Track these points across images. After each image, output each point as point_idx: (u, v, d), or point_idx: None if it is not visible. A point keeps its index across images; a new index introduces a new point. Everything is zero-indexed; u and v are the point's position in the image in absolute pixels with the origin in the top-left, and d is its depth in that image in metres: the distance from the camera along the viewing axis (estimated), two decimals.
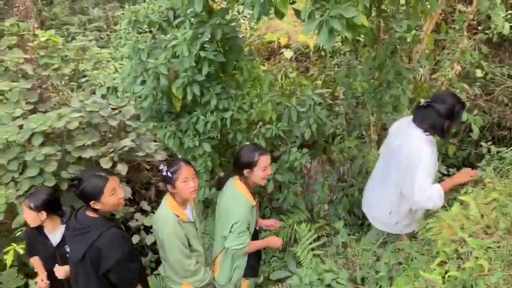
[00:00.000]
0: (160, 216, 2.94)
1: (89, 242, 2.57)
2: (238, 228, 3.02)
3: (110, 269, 2.59)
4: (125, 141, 5.55)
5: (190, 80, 3.59)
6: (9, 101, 5.51)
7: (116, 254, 2.59)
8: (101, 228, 2.61)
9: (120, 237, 2.67)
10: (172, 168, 2.86)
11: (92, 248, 2.56)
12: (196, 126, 3.87)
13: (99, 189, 2.59)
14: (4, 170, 4.94)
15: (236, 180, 3.21)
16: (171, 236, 2.83)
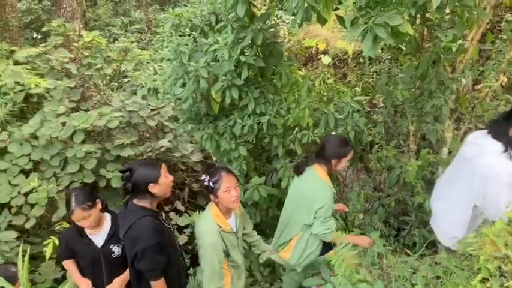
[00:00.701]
0: (203, 224, 2.92)
1: (125, 228, 2.68)
2: (324, 214, 3.10)
3: (136, 255, 2.65)
4: (162, 141, 5.65)
5: (230, 84, 3.64)
6: (54, 98, 5.70)
7: (140, 243, 2.62)
8: (138, 215, 2.68)
9: (152, 228, 2.67)
10: (214, 178, 2.84)
11: (128, 233, 2.66)
12: (233, 130, 3.91)
13: (157, 172, 2.74)
14: (46, 165, 5.12)
15: (318, 168, 3.25)
16: (210, 248, 2.80)
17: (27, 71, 6.07)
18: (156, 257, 2.67)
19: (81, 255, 3.15)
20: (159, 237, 2.69)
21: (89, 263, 3.14)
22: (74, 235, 3.09)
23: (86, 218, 2.93)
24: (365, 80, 7.19)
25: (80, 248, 3.11)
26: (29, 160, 5.08)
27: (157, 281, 2.73)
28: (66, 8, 7.83)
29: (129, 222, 2.68)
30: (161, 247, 2.70)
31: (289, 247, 3.38)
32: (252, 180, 4.03)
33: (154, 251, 2.65)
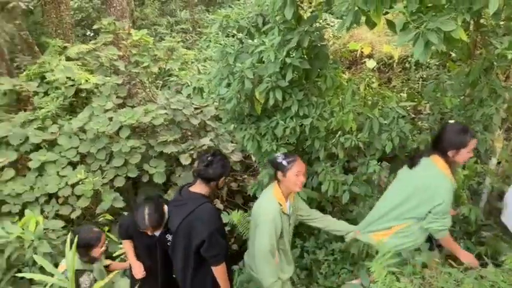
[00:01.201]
0: (264, 201, 3.00)
1: (185, 214, 2.77)
2: (442, 210, 2.89)
3: (203, 241, 2.72)
4: (204, 140, 5.74)
5: (274, 85, 3.64)
6: (102, 94, 5.92)
7: (208, 228, 2.72)
8: (198, 202, 2.79)
9: (214, 213, 2.82)
10: (290, 158, 2.96)
11: (186, 220, 2.75)
12: (275, 131, 3.91)
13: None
14: (93, 159, 5.32)
15: (438, 160, 2.97)
16: (269, 222, 2.86)
17: (78, 66, 6.32)
18: (220, 240, 2.78)
19: (138, 241, 3.32)
20: (220, 222, 2.84)
21: (145, 250, 3.30)
22: (134, 222, 3.14)
23: (155, 231, 3.07)
24: (410, 85, 7.03)
25: (138, 235, 3.23)
26: (76, 153, 5.30)
27: (219, 265, 2.83)
28: (117, 7, 8.08)
29: (190, 208, 2.78)
30: (222, 231, 2.83)
31: (388, 232, 3.19)
32: None
33: (218, 234, 2.76)
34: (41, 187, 5.00)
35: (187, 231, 2.79)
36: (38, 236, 4.13)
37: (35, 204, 4.93)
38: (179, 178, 5.56)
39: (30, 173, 5.20)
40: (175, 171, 5.70)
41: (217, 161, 2.90)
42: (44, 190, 4.97)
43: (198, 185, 2.91)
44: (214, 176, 2.87)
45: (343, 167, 4.15)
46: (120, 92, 6.23)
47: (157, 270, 3.29)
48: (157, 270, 3.29)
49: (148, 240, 3.20)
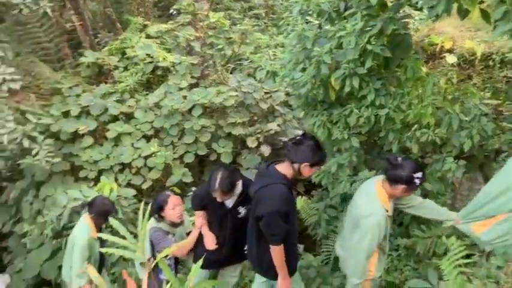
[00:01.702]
0: (369, 204, 2.89)
1: (259, 186, 2.80)
2: None
3: (260, 216, 2.73)
4: (271, 124, 5.77)
5: (351, 72, 3.57)
6: (178, 73, 6.11)
7: (269, 206, 2.69)
8: (273, 179, 2.76)
9: (283, 197, 2.72)
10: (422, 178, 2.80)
11: (258, 192, 2.78)
12: (347, 119, 3.85)
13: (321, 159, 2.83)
14: (166, 134, 5.53)
15: None
16: (373, 228, 2.78)
17: (157, 45, 6.55)
18: (280, 223, 2.73)
19: (211, 212, 3.37)
20: (287, 207, 2.75)
21: (217, 220, 3.34)
22: (208, 194, 3.21)
23: (219, 198, 3.10)
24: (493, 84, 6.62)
25: (211, 206, 3.29)
26: (151, 127, 5.53)
27: (276, 246, 2.79)
28: None
29: (264, 182, 2.80)
30: (287, 216, 2.76)
31: (488, 222, 3.00)
32: (361, 173, 3.95)
33: (279, 216, 2.70)
34: (116, 156, 5.28)
35: (256, 202, 2.83)
36: None
37: (110, 172, 5.22)
38: (245, 160, 5.64)
39: (107, 142, 5.51)
40: (241, 153, 5.78)
41: (308, 144, 2.73)
42: (118, 159, 5.25)
43: (283, 165, 2.83)
44: (298, 158, 2.72)
45: None
46: (194, 72, 6.40)
47: (224, 241, 3.36)
48: (225, 242, 3.36)
49: (221, 211, 3.27)
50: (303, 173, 2.77)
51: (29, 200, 5.25)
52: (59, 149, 5.40)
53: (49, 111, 5.77)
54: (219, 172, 3.06)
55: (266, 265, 2.98)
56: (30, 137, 4.92)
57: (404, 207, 3.14)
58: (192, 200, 3.49)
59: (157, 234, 3.47)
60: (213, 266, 3.54)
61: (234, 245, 3.41)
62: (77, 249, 3.50)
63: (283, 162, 2.86)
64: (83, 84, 6.33)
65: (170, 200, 3.44)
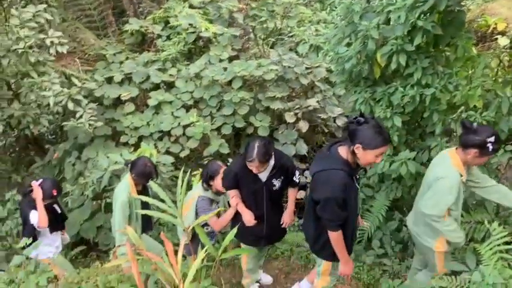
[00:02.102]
0: (443, 169, 2.89)
1: (318, 168, 2.73)
2: None
3: (317, 200, 2.71)
4: (311, 100, 5.71)
5: (399, 49, 3.48)
6: (219, 44, 6.10)
7: (325, 192, 2.65)
8: (334, 165, 2.66)
9: (342, 183, 2.61)
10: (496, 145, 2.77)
11: (317, 175, 2.73)
12: (391, 98, 3.77)
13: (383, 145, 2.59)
14: (205, 104, 5.57)
15: None
16: (451, 190, 2.80)
17: (200, 15, 6.54)
18: (336, 209, 2.66)
19: (246, 187, 3.32)
20: (345, 194, 2.66)
21: (252, 195, 3.31)
22: (242, 169, 3.20)
23: (257, 168, 3.08)
24: None
25: (246, 180, 3.27)
26: (191, 97, 5.59)
27: (334, 231, 2.75)
28: None
29: (324, 165, 2.71)
30: (345, 203, 2.69)
31: None
32: (401, 153, 3.87)
33: (336, 203, 2.64)
34: (156, 124, 5.37)
35: (313, 185, 2.79)
36: None
37: (150, 139, 5.33)
38: (281, 135, 5.63)
39: (148, 110, 5.61)
40: (278, 128, 5.77)
41: (371, 126, 2.51)
42: (158, 127, 5.34)
43: (345, 147, 2.68)
44: (357, 139, 2.53)
45: None
46: (235, 44, 6.37)
47: (263, 217, 3.36)
48: (264, 217, 3.36)
49: (256, 186, 3.26)
50: (358, 156, 2.58)
51: (72, 161, 5.45)
52: (101, 113, 5.55)
53: (93, 77, 5.92)
54: (256, 142, 3.06)
55: (319, 246, 3.00)
56: (75, 100, 5.06)
57: (476, 186, 3.08)
58: (224, 177, 3.43)
59: (204, 204, 3.55)
60: (257, 243, 3.56)
61: (273, 220, 3.43)
62: (117, 207, 3.62)
63: (344, 144, 2.71)
64: (126, 51, 6.43)
65: (222, 170, 3.49)
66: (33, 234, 4.10)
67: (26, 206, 4.06)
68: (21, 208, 4.18)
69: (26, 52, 4.93)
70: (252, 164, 3.06)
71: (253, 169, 3.10)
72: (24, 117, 5.40)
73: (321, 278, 3.17)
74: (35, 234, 4.13)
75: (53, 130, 7.58)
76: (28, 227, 4.04)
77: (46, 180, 4.10)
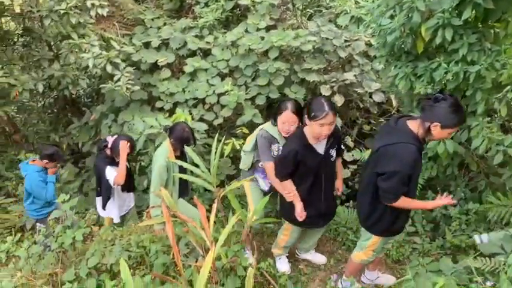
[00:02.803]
0: None
1: (386, 142, 2.71)
2: None
3: (382, 173, 2.69)
4: (347, 74, 5.60)
5: (445, 23, 3.35)
6: (257, 13, 6.00)
7: (394, 165, 2.62)
8: (405, 139, 2.64)
9: (413, 159, 2.60)
10: None
11: (384, 148, 2.70)
12: (433, 74, 3.65)
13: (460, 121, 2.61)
14: (240, 73, 5.54)
15: None
16: None
17: None
18: (399, 183, 2.65)
19: (305, 165, 3.18)
20: (413, 170, 2.66)
21: (312, 169, 3.20)
22: (301, 145, 3.12)
23: (332, 123, 2.95)
24: None
25: (307, 156, 3.14)
26: (226, 65, 5.56)
27: (391, 203, 2.75)
28: None
29: (393, 139, 2.68)
30: (409, 179, 2.68)
31: None
32: None
33: (402, 178, 2.63)
34: (191, 91, 5.39)
35: (379, 158, 2.74)
36: None
37: (184, 105, 5.36)
38: None
39: (183, 76, 5.63)
40: None
41: (450, 104, 2.50)
42: (193, 94, 5.36)
43: (415, 122, 2.68)
44: (432, 117, 2.54)
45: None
46: (273, 14, 6.26)
47: (321, 194, 3.31)
48: (322, 194, 3.31)
49: (316, 161, 3.17)
50: (434, 133, 2.59)
51: (108, 123, 5.57)
52: (138, 78, 5.61)
53: (131, 41, 5.96)
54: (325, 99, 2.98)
55: (372, 222, 3.00)
56: (113, 63, 5.13)
57: None
58: (282, 161, 3.24)
59: (262, 142, 3.46)
60: (316, 223, 3.51)
61: (329, 195, 3.40)
62: (155, 170, 3.69)
63: (414, 118, 2.72)
64: (164, 17, 6.43)
65: (285, 114, 3.27)
66: (109, 192, 4.21)
67: (101, 162, 4.17)
68: (96, 165, 4.29)
69: (68, 13, 5.00)
70: (325, 120, 2.88)
71: (324, 129, 2.92)
72: (64, 78, 5.53)
73: (364, 251, 3.18)
74: (110, 193, 4.23)
75: (89, 93, 7.76)
76: (104, 185, 4.16)
77: (121, 136, 4.19)
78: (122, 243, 3.23)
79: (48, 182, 4.56)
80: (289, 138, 3.29)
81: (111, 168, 4.09)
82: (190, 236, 2.86)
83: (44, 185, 4.51)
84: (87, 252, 3.17)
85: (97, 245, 3.24)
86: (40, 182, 4.49)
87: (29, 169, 4.54)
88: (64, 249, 3.25)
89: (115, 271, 3.03)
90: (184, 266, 2.76)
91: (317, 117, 2.88)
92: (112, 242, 3.37)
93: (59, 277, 3.02)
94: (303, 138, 3.13)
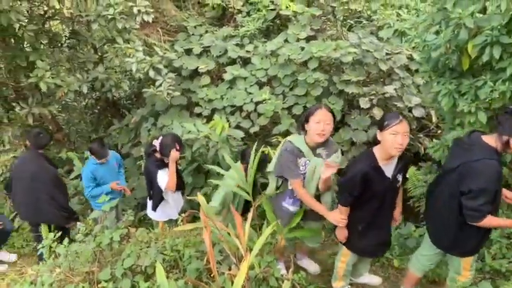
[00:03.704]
0: None
1: (467, 158, 2.67)
2: None
3: (467, 191, 2.65)
4: (388, 87, 5.53)
5: (494, 40, 3.26)
6: (298, 23, 6.04)
7: (480, 182, 2.58)
8: (488, 155, 2.62)
9: (497, 174, 2.59)
10: None
11: (466, 165, 2.66)
12: (478, 92, 3.55)
13: None
14: (278, 83, 5.57)
15: None
16: None
17: None
18: (487, 202, 2.61)
19: (371, 189, 2.99)
20: (497, 186, 2.63)
21: (377, 194, 3.02)
22: (370, 167, 2.93)
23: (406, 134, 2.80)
24: None
25: (375, 179, 2.95)
26: (265, 74, 5.61)
27: (477, 223, 2.69)
28: None
29: (476, 155, 2.64)
30: (494, 196, 2.64)
31: None
32: None
33: (489, 196, 2.60)
34: (229, 98, 5.46)
35: (461, 176, 2.69)
36: (222, 139, 4.58)
37: (222, 112, 5.44)
38: (353, 120, 5.51)
39: (222, 83, 5.71)
40: (351, 113, 5.66)
41: None
42: (231, 101, 5.43)
43: (491, 137, 2.68)
44: (510, 131, 2.55)
45: None
46: (314, 24, 6.28)
47: (387, 221, 3.23)
48: (386, 221, 3.23)
49: (383, 185, 2.99)
50: None
51: (148, 127, 5.70)
52: (178, 83, 5.73)
53: (173, 47, 6.10)
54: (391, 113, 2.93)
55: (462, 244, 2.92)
56: (156, 68, 5.26)
57: None
58: (347, 186, 3.00)
59: (287, 156, 3.21)
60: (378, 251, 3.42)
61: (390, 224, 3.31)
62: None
63: (486, 133, 2.71)
64: (206, 24, 6.56)
65: (319, 112, 3.06)
66: (161, 196, 4.22)
67: (151, 166, 4.16)
68: (147, 169, 4.28)
69: (115, 18, 5.16)
70: (399, 128, 2.76)
71: (398, 139, 2.75)
72: (108, 80, 5.70)
73: (463, 274, 3.10)
74: (162, 196, 4.25)
75: (129, 95, 7.97)
76: (155, 188, 4.17)
77: (166, 136, 4.13)
78: (157, 246, 3.29)
79: (103, 186, 4.65)
80: (357, 159, 3.13)
81: (162, 172, 4.07)
82: (225, 243, 2.88)
83: (92, 182, 4.61)
84: (123, 253, 3.23)
85: (133, 246, 3.31)
86: (88, 176, 4.60)
87: (90, 160, 4.68)
88: (102, 249, 3.33)
89: (149, 273, 3.08)
90: (217, 273, 2.78)
91: (390, 125, 2.77)
92: (148, 244, 3.43)
93: (95, 275, 3.10)
94: (373, 158, 2.95)
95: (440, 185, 2.95)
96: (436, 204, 3.04)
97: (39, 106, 5.39)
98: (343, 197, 3.05)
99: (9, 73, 5.81)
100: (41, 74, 4.74)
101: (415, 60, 5.41)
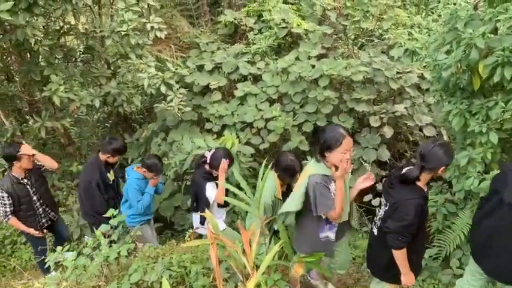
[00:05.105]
0: None
1: None
2: None
3: None
4: (398, 106, 5.52)
5: (505, 61, 3.25)
6: (310, 41, 6.08)
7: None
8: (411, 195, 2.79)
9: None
10: None
11: None
12: (489, 112, 3.54)
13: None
14: (289, 100, 5.60)
15: None
16: None
17: (293, 11, 6.55)
18: None
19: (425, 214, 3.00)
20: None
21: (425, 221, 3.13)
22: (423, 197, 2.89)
23: None
24: None
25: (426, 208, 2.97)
26: (276, 91, 5.64)
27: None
28: None
29: None
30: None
31: None
32: (493, 172, 3.64)
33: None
34: (240, 114, 5.49)
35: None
36: None
37: (232, 128, 5.46)
38: (364, 138, 5.50)
39: (233, 100, 5.75)
40: (361, 131, 5.65)
41: None
42: (242, 118, 5.45)
43: None
44: None
45: None
46: (325, 43, 6.32)
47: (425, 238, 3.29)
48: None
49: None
50: None
51: (158, 142, 5.73)
52: (190, 99, 5.77)
53: (185, 63, 6.17)
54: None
55: None
56: (167, 84, 5.30)
57: None
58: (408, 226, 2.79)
59: (322, 191, 2.96)
60: None
61: None
62: None
63: None
64: (218, 41, 6.63)
65: (346, 141, 2.85)
66: (208, 207, 3.96)
67: (200, 177, 4.06)
68: (195, 180, 4.16)
69: (128, 34, 5.23)
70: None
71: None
72: (120, 95, 5.75)
73: None
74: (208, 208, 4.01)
75: (140, 110, 8.04)
76: (203, 200, 4.03)
77: (219, 149, 4.06)
78: (164, 262, 3.28)
79: (146, 192, 4.45)
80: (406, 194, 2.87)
81: (211, 184, 3.98)
82: (232, 260, 2.87)
83: (139, 195, 4.43)
84: (130, 268, 3.24)
85: (140, 261, 3.31)
86: (135, 191, 4.41)
87: (131, 175, 4.49)
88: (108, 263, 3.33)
89: None
90: None
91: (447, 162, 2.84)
92: (154, 259, 3.43)
93: None
94: (421, 190, 2.89)
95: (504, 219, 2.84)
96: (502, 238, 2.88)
97: (52, 119, 5.45)
98: (403, 239, 2.82)
99: (23, 87, 5.91)
100: (55, 88, 4.79)
101: (427, 79, 5.40)
